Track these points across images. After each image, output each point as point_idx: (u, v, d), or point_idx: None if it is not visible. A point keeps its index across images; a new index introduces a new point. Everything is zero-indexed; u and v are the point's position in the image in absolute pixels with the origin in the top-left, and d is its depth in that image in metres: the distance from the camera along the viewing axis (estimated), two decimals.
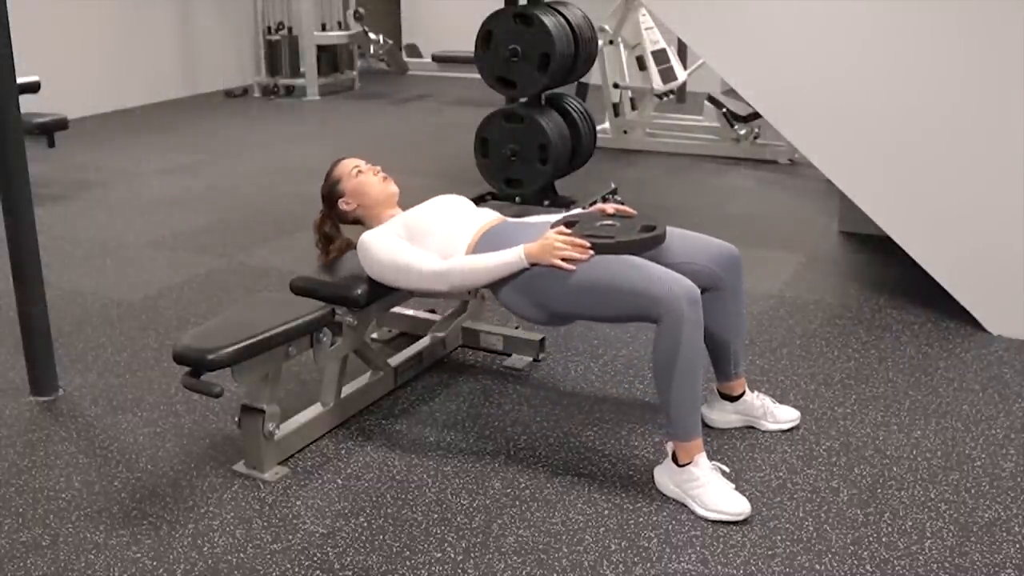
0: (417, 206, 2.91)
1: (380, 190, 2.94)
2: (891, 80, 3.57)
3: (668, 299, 2.39)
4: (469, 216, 2.86)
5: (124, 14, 8.61)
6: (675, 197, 5.62)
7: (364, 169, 2.96)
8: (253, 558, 2.30)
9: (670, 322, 2.39)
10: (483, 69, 4.79)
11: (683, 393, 2.43)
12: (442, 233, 2.77)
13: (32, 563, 2.29)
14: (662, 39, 6.81)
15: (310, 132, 7.78)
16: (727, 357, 2.81)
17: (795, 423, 2.87)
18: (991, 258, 3.52)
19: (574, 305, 2.56)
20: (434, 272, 2.68)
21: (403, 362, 3.18)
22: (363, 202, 2.93)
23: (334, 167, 3.01)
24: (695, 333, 2.40)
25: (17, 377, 3.23)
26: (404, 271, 2.71)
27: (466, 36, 5.54)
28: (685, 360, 2.40)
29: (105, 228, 5.05)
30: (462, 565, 2.27)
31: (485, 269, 2.63)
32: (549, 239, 2.56)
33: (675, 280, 2.43)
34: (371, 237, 2.80)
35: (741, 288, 2.77)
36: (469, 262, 2.66)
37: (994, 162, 3.45)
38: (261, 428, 2.61)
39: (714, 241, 2.76)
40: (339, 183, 2.96)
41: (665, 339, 2.40)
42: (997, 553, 2.29)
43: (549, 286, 2.55)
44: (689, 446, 2.47)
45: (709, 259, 2.69)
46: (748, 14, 3.77)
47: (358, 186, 2.93)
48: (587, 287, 2.50)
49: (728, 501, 2.42)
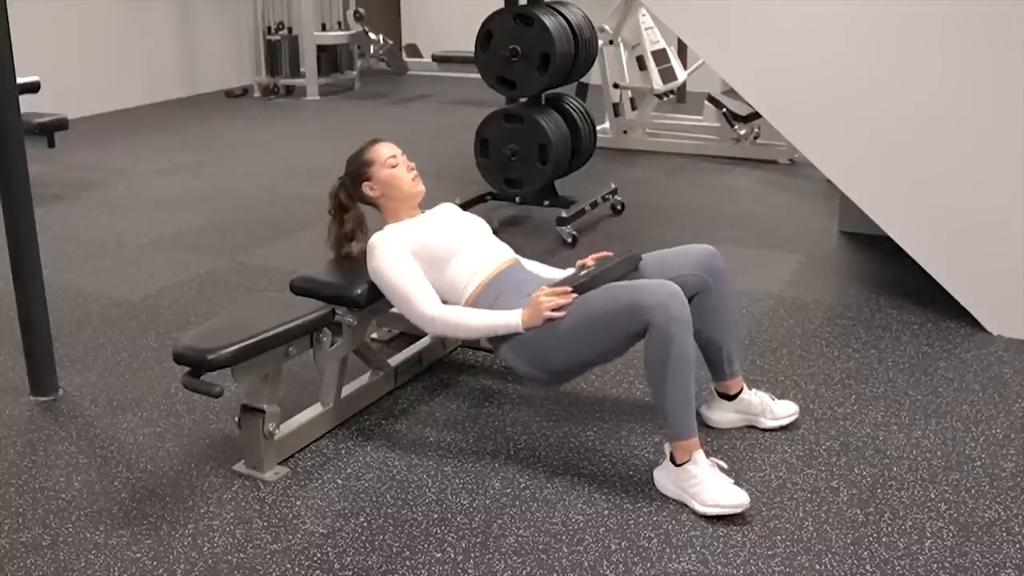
0: (437, 225, 2.86)
1: (408, 188, 2.91)
2: (891, 80, 3.57)
3: (653, 302, 2.43)
4: (486, 254, 2.83)
5: (124, 14, 8.61)
6: (675, 197, 5.62)
7: (399, 162, 2.92)
8: (253, 558, 2.30)
9: (659, 323, 2.41)
10: (483, 69, 4.79)
11: (676, 391, 2.44)
12: (455, 269, 2.77)
13: (32, 563, 2.29)
14: (662, 39, 6.81)
15: (310, 132, 7.78)
16: (721, 357, 2.82)
17: (794, 417, 2.88)
18: (991, 258, 3.52)
19: (571, 352, 2.59)
20: (428, 316, 2.70)
21: (403, 362, 3.18)
22: (388, 194, 2.90)
23: (370, 147, 2.94)
24: (684, 331, 2.43)
25: (17, 377, 3.23)
26: (400, 298, 2.74)
27: (466, 36, 5.54)
28: (676, 358, 2.42)
29: (105, 228, 5.05)
30: (462, 565, 2.27)
31: (478, 328, 2.69)
32: (535, 299, 2.60)
33: (657, 283, 2.49)
34: (382, 246, 2.78)
35: (727, 286, 2.80)
36: (463, 318, 2.69)
37: (994, 162, 3.45)
38: (261, 428, 2.61)
39: (690, 248, 2.81)
40: (371, 166, 2.90)
41: (655, 340, 2.43)
42: (997, 553, 2.29)
43: (544, 343, 2.59)
44: (686, 444, 2.47)
45: (689, 267, 2.74)
46: (748, 14, 3.77)
47: (389, 178, 2.89)
48: (579, 324, 2.54)
49: (726, 494, 2.43)
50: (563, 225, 4.71)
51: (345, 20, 9.86)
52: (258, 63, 9.57)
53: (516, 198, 4.97)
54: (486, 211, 5.07)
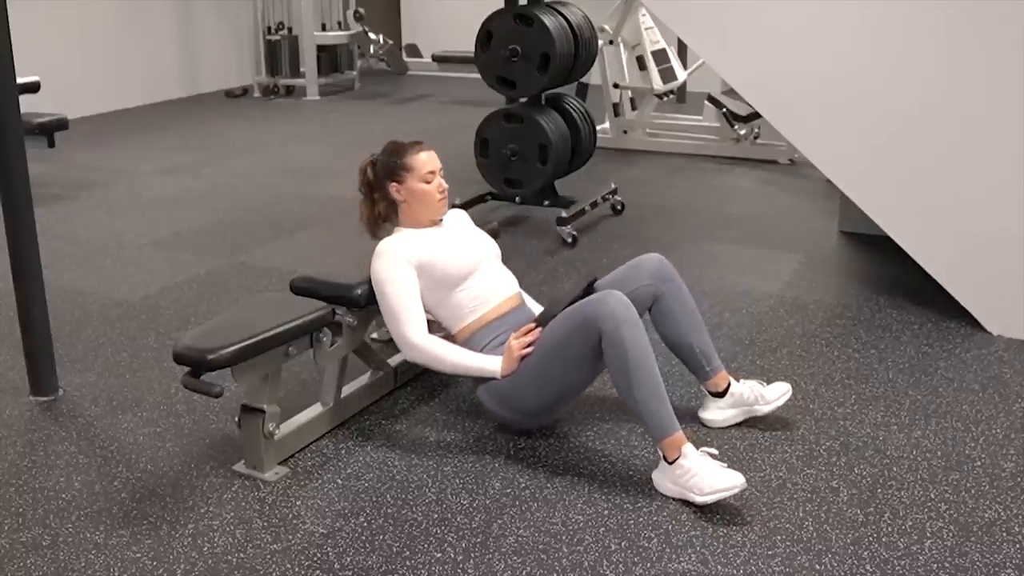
0: (451, 245, 2.84)
1: (434, 209, 2.90)
2: (892, 80, 3.57)
3: (599, 311, 2.51)
4: (493, 286, 2.85)
5: (124, 14, 8.61)
6: (675, 197, 5.62)
7: (435, 181, 2.87)
8: (253, 558, 2.30)
9: (609, 329, 2.48)
10: (483, 69, 4.79)
11: (645, 392, 2.47)
12: (459, 294, 2.81)
13: (32, 563, 2.29)
14: (662, 39, 6.81)
15: (310, 132, 7.78)
16: (695, 355, 2.86)
17: (787, 395, 2.88)
18: (991, 258, 3.52)
19: (540, 386, 2.66)
20: (410, 342, 2.74)
21: (403, 362, 3.18)
22: (412, 204, 2.89)
23: (414, 152, 2.88)
24: (635, 330, 2.48)
25: (17, 377, 3.23)
26: (390, 314, 2.77)
27: (466, 36, 5.54)
28: (635, 359, 2.46)
29: (105, 228, 5.05)
30: (462, 565, 2.27)
31: (457, 367, 2.76)
32: (508, 347, 2.69)
33: (602, 294, 2.57)
34: (387, 256, 2.77)
35: (681, 287, 2.87)
36: (444, 353, 2.74)
37: (994, 162, 3.45)
38: (261, 428, 2.61)
39: (640, 260, 2.91)
40: (408, 172, 2.86)
41: (610, 347, 2.49)
42: (997, 553, 2.29)
43: (513, 383, 2.68)
44: (671, 440, 2.48)
45: (642, 278, 2.84)
46: (748, 14, 3.77)
47: (419, 193, 2.86)
48: (543, 355, 2.63)
49: (720, 478, 2.43)
50: (563, 225, 4.71)
51: (345, 20, 9.86)
52: (258, 63, 9.57)
53: (516, 198, 4.97)
54: (486, 211, 5.07)
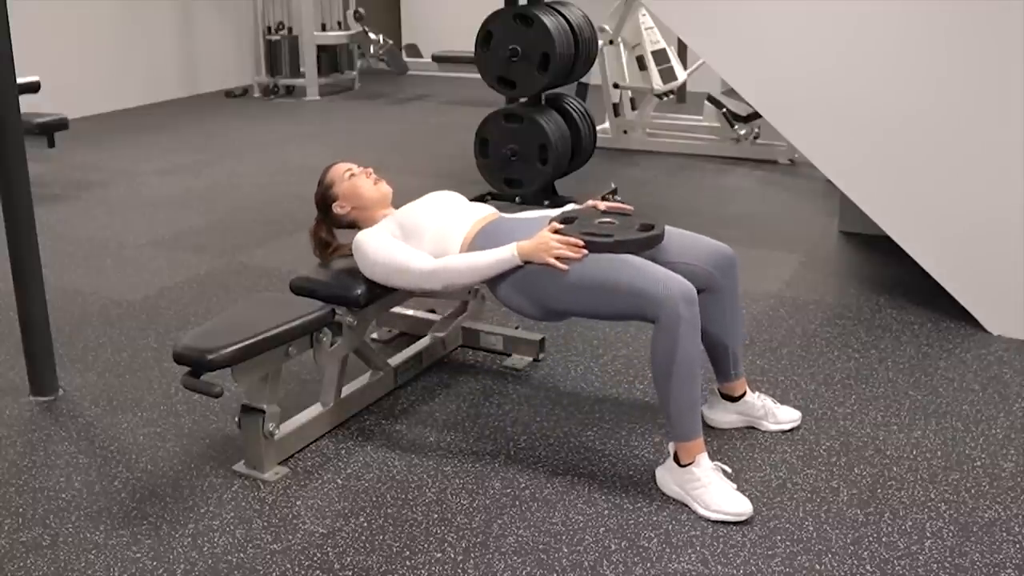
0: (410, 204, 2.92)
1: (373, 191, 2.94)
2: (892, 80, 3.57)
3: (665, 299, 2.39)
4: (463, 212, 2.86)
5: (124, 14, 8.61)
6: (675, 197, 5.61)
7: (356, 172, 2.97)
8: (253, 558, 2.30)
9: (667, 322, 2.39)
10: (483, 69, 4.79)
11: (682, 393, 2.43)
12: (435, 230, 2.77)
13: (32, 563, 2.29)
14: (662, 39, 6.81)
15: (310, 132, 7.77)
16: (726, 358, 2.81)
17: (796, 423, 2.87)
18: (991, 258, 3.52)
19: (571, 303, 2.57)
20: (426, 271, 2.68)
21: (403, 362, 3.18)
22: (357, 204, 2.94)
23: (326, 172, 3.02)
24: (692, 333, 2.41)
25: (17, 377, 3.23)
26: (397, 271, 2.72)
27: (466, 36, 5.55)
28: (683, 361, 2.40)
29: (105, 228, 5.05)
30: (462, 565, 2.27)
31: (477, 268, 2.64)
32: (544, 237, 2.56)
33: (672, 280, 2.43)
34: (365, 237, 2.81)
35: (737, 289, 2.77)
36: (462, 261, 2.66)
37: (994, 162, 3.45)
38: (261, 428, 2.61)
39: (711, 242, 2.76)
40: (332, 187, 2.97)
41: (663, 340, 2.41)
42: (997, 553, 2.29)
43: (545, 284, 2.56)
44: (690, 446, 2.47)
45: (705, 260, 2.70)
46: (748, 14, 3.77)
47: (351, 189, 2.94)
48: (584, 286, 2.51)
49: (730, 501, 2.42)
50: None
51: (345, 20, 9.86)
52: (258, 63, 9.56)
53: (516, 198, 4.97)
54: None
